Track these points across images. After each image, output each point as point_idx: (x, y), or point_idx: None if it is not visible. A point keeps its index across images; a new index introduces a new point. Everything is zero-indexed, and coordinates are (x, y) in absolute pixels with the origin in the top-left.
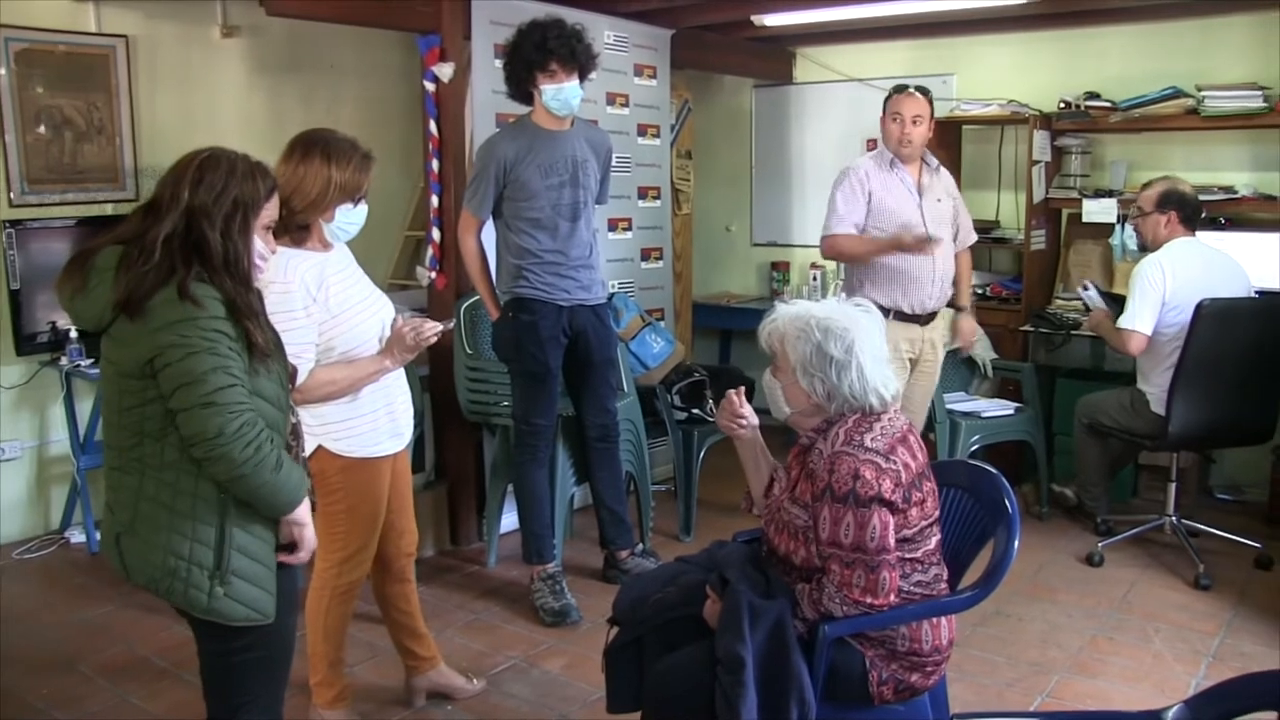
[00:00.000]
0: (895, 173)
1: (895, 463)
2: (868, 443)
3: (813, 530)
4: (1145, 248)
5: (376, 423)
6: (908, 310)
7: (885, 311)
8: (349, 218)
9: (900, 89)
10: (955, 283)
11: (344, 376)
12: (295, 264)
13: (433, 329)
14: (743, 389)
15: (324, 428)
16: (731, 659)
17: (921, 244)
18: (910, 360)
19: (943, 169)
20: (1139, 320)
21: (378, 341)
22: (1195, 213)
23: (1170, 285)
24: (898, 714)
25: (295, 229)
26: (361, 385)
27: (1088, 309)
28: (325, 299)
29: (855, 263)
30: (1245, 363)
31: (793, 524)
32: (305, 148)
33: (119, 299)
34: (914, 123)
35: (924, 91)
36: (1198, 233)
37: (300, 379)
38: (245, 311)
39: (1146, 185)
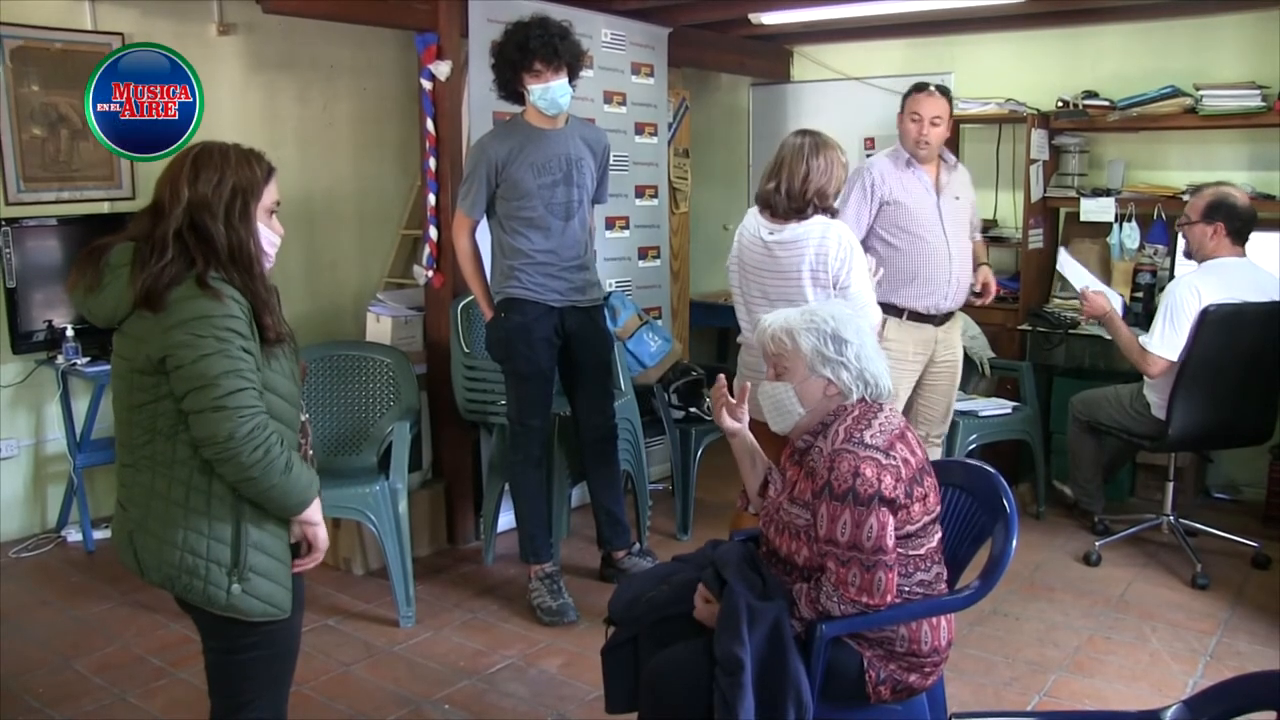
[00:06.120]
0: (912, 171)
1: (895, 459)
2: (867, 439)
3: (812, 528)
4: (1191, 256)
5: None
6: (922, 310)
7: (899, 312)
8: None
9: (920, 87)
10: (974, 255)
11: None
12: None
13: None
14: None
15: None
16: (730, 661)
17: None
18: (922, 362)
19: (960, 165)
20: (1166, 346)
21: None
22: (1246, 225)
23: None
24: (895, 713)
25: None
26: None
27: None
28: None
29: None
30: (1248, 366)
31: (793, 524)
32: (824, 144)
33: (139, 294)
34: (933, 124)
35: (944, 91)
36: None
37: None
38: (258, 305)
39: (1197, 190)
